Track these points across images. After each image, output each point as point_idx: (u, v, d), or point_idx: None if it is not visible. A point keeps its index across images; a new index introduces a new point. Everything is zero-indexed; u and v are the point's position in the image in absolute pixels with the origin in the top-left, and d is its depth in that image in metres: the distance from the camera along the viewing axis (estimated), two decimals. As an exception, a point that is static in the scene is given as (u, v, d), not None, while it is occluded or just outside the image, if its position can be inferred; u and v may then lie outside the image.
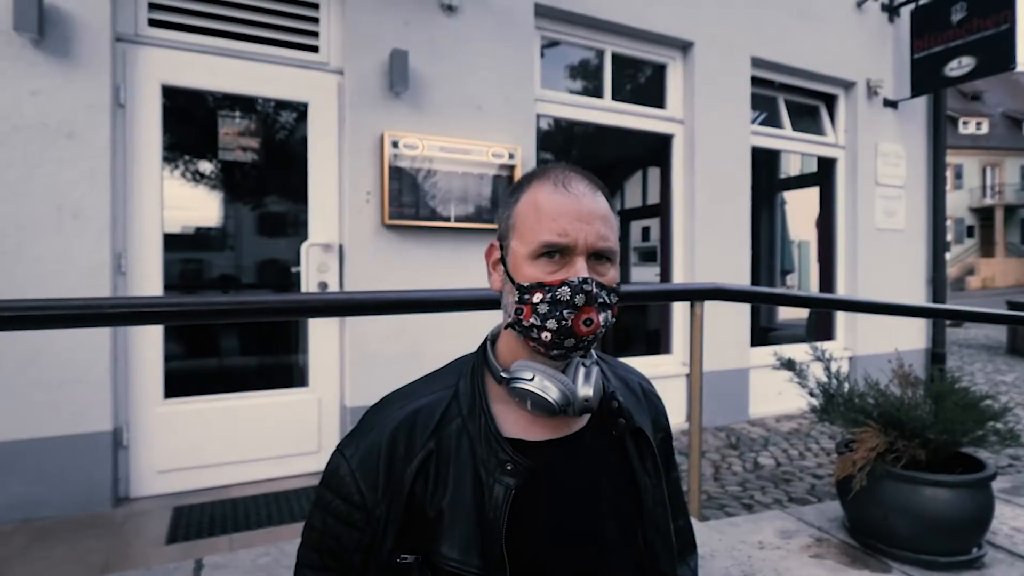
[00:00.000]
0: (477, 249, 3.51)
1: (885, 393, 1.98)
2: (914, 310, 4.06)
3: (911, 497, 1.78)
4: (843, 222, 5.35)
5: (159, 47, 2.88)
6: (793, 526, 2.09)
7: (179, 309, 1.72)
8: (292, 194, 3.33)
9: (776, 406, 4.73)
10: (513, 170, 3.54)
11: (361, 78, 3.21)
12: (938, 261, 5.67)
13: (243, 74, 3.06)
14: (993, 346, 9.67)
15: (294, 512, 2.69)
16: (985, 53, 4.58)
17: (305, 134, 3.22)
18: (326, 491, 0.83)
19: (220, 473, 2.98)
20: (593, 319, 0.81)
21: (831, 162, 5.34)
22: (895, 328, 5.29)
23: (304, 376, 3.26)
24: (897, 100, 5.33)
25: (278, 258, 3.48)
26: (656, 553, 0.91)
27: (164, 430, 2.88)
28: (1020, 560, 1.86)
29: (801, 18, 4.82)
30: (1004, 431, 1.83)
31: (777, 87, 5.00)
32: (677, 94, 4.41)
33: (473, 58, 3.49)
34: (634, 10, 4.04)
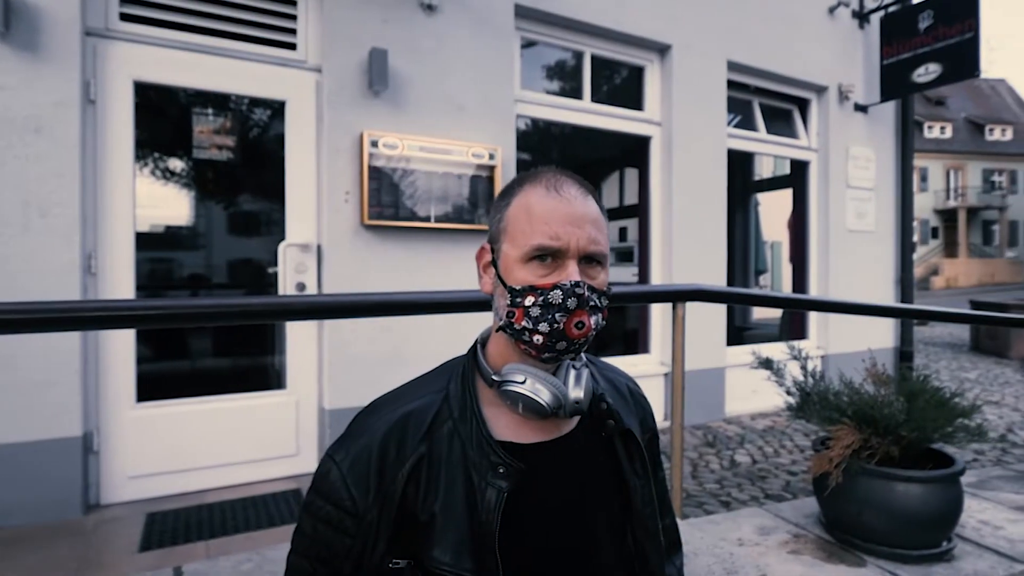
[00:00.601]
0: (457, 250, 3.51)
1: (859, 392, 2.03)
2: (889, 310, 4.17)
3: (885, 493, 1.82)
4: (815, 223, 5.46)
5: (131, 42, 2.81)
6: (771, 523, 2.12)
7: (157, 312, 1.67)
8: (269, 194, 3.28)
9: (751, 404, 4.82)
10: (493, 171, 3.54)
11: (340, 76, 3.18)
12: (906, 262, 5.83)
13: (218, 71, 3.00)
14: (957, 344, 9.97)
15: (272, 517, 2.65)
16: (951, 60, 4.72)
17: (282, 133, 3.17)
18: (316, 497, 0.82)
19: (195, 478, 2.92)
20: (585, 322, 0.81)
21: (804, 165, 5.45)
22: (865, 327, 5.43)
23: (281, 378, 3.21)
24: (867, 105, 5.46)
25: (254, 259, 3.43)
26: (645, 553, 0.92)
27: (136, 435, 2.81)
28: (988, 551, 1.93)
29: (775, 23, 4.91)
30: (972, 428, 1.89)
31: (752, 91, 5.08)
32: (655, 96, 4.46)
33: (453, 58, 3.48)
34: (612, 12, 4.07)
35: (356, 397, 3.21)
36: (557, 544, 0.84)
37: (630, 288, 2.57)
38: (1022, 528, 2.10)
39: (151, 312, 1.67)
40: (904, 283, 5.83)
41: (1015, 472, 2.76)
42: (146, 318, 1.73)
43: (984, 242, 33.26)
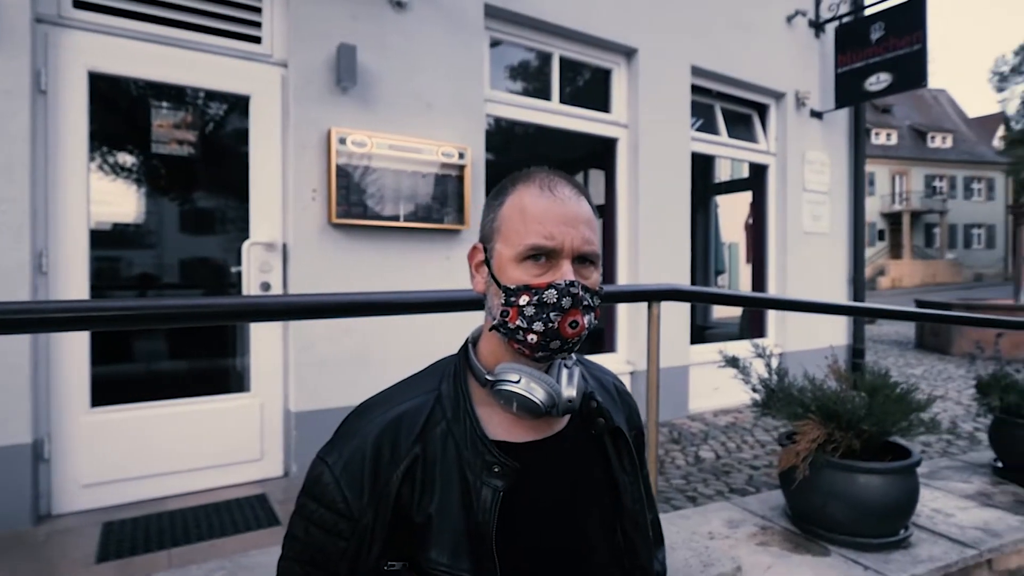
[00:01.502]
0: (426, 250, 3.48)
1: (822, 388, 2.11)
2: (853, 309, 4.29)
3: (847, 484, 1.90)
4: (774, 225, 5.63)
5: (86, 31, 2.69)
6: (739, 516, 2.18)
7: (115, 314, 1.57)
8: (232, 191, 3.19)
9: (713, 401, 4.94)
10: (463, 170, 3.53)
11: (306, 72, 3.11)
12: (858, 262, 6.07)
13: (179, 63, 2.90)
14: (903, 341, 10.44)
15: (237, 523, 2.58)
16: (900, 70, 4.94)
17: (246, 128, 3.09)
18: (308, 500, 0.80)
19: (154, 484, 2.82)
20: (578, 321, 0.82)
21: (763, 168, 5.62)
22: (820, 326, 5.63)
23: (245, 380, 3.12)
24: (822, 111, 5.66)
25: (216, 258, 3.33)
26: (635, 548, 0.93)
27: (91, 441, 2.69)
28: (941, 538, 2.03)
29: (736, 30, 5.04)
30: (927, 421, 1.99)
31: (714, 95, 5.21)
32: (622, 99, 4.52)
33: (422, 56, 3.45)
34: (580, 15, 4.11)
35: (323, 399, 3.15)
36: (551, 542, 0.85)
37: (607, 288, 2.60)
38: (971, 515, 2.22)
39: (109, 314, 1.57)
40: (856, 283, 6.07)
41: (962, 463, 2.91)
42: (104, 319, 1.63)
43: (926, 244, 34.92)
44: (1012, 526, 2.14)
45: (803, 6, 5.51)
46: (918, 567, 1.83)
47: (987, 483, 2.58)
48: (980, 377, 2.72)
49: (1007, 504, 2.35)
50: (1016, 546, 2.06)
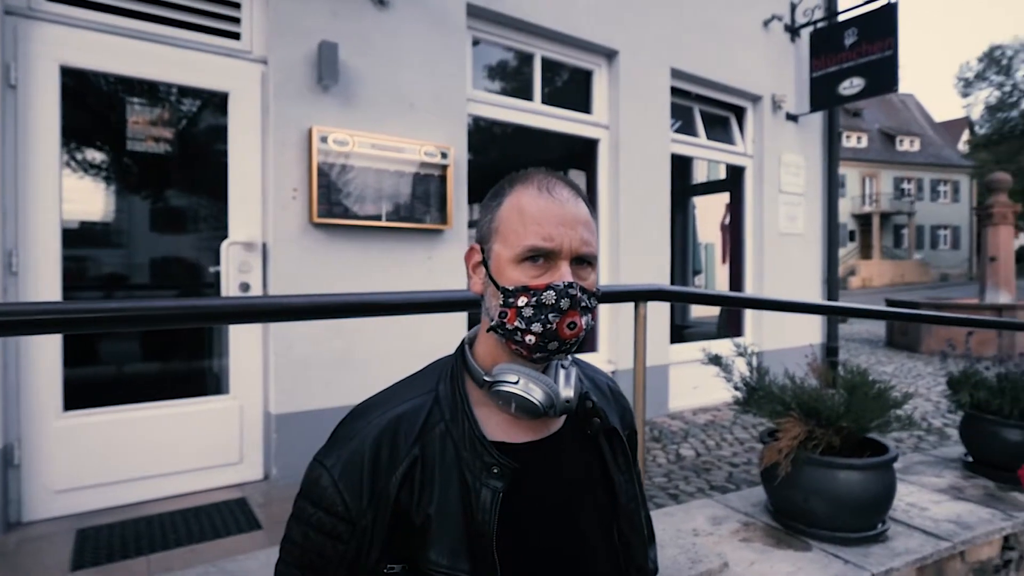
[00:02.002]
0: (408, 250, 3.46)
1: (803, 386, 2.15)
2: (834, 309, 4.36)
3: (828, 480, 1.94)
4: (751, 226, 5.72)
5: (58, 23, 2.62)
6: (722, 512, 2.21)
7: (90, 316, 1.49)
8: (210, 189, 3.13)
9: (693, 400, 5.00)
10: (446, 170, 3.52)
11: (287, 69, 3.07)
12: (832, 263, 6.19)
13: (155, 59, 2.84)
14: (874, 340, 10.70)
15: (218, 528, 2.53)
16: (873, 75, 5.05)
17: (225, 126, 3.03)
18: (307, 503, 0.79)
19: (130, 490, 2.75)
20: (577, 322, 0.82)
21: (740, 170, 5.70)
22: (795, 325, 5.74)
23: (223, 382, 3.07)
24: (798, 115, 5.77)
25: (194, 258, 3.26)
26: (630, 546, 0.94)
27: (64, 446, 2.62)
28: (916, 531, 2.08)
29: (715, 34, 5.11)
30: (904, 417, 2.04)
31: (693, 98, 5.27)
32: (603, 100, 4.55)
33: (405, 54, 3.43)
34: (562, 17, 4.13)
35: (304, 401, 3.12)
36: (549, 541, 0.85)
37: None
38: (944, 509, 2.28)
39: (83, 316, 1.49)
40: (830, 283, 6.20)
41: (933, 457, 3.00)
42: (78, 322, 1.55)
43: (895, 245, 35.80)
44: (983, 518, 2.21)
45: (779, 11, 5.61)
46: (895, 560, 1.87)
47: (958, 477, 2.66)
48: (951, 374, 2.80)
49: (978, 497, 2.42)
50: (987, 538, 2.12)
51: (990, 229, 9.01)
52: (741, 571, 1.72)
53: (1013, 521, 2.20)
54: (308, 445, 3.29)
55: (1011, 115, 28.66)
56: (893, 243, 35.76)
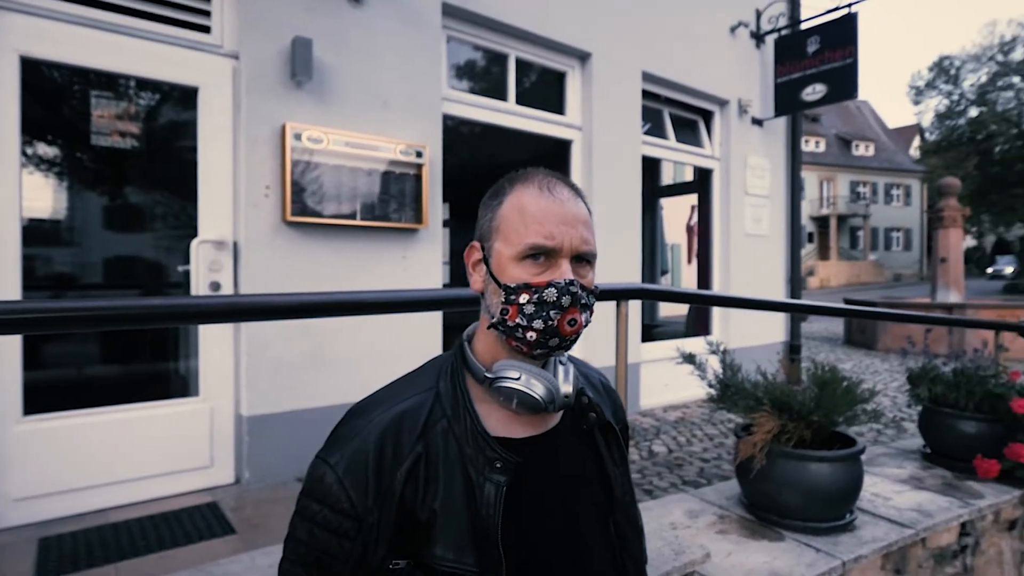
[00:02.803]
0: (383, 249, 3.44)
1: (774, 382, 2.22)
2: (809, 308, 4.48)
3: (800, 472, 2.01)
4: (718, 227, 5.85)
5: (16, 12, 2.51)
6: (698, 506, 2.27)
7: (53, 315, 1.39)
8: (179, 186, 3.05)
9: (663, 397, 5.09)
10: (421, 169, 3.50)
11: (259, 64, 3.01)
12: (795, 263, 6.39)
13: (121, 51, 2.75)
14: (832, 338, 11.06)
15: (189, 533, 2.47)
16: (834, 82, 5.23)
17: (195, 121, 2.96)
18: (311, 502, 0.79)
19: (96, 496, 2.66)
20: (577, 319, 0.84)
21: (708, 172, 5.83)
22: (761, 323, 5.90)
23: (191, 384, 3.00)
24: (763, 119, 5.93)
25: (162, 256, 3.17)
26: (626, 538, 0.96)
27: (24, 452, 2.52)
28: (882, 520, 2.17)
29: (684, 39, 5.21)
30: (870, 411, 2.12)
31: (663, 101, 5.37)
32: (576, 102, 4.59)
33: (380, 52, 3.40)
34: (537, 18, 4.15)
35: (277, 403, 3.06)
36: (549, 535, 0.86)
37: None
38: (906, 498, 2.39)
39: (45, 315, 1.40)
40: (793, 282, 6.39)
41: (894, 450, 3.12)
42: (39, 322, 1.46)
43: (851, 246, 37.05)
44: (942, 507, 2.31)
45: (746, 18, 5.75)
46: (863, 547, 1.95)
47: (918, 468, 2.78)
48: (911, 370, 2.93)
49: (936, 487, 2.54)
50: (946, 524, 2.23)
51: (940, 231, 9.42)
52: (719, 562, 1.77)
53: (970, 508, 2.31)
54: (281, 448, 3.24)
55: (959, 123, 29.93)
56: (849, 244, 37.01)
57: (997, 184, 27.48)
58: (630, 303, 2.13)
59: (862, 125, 39.45)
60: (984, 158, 28.33)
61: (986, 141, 28.63)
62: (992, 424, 2.58)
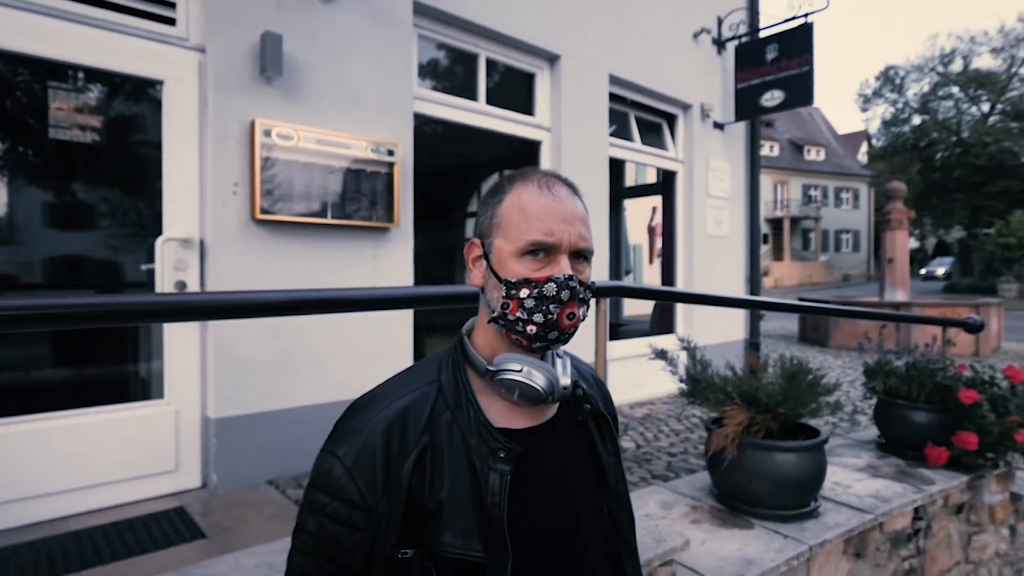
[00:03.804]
0: (355, 248, 3.41)
1: (742, 376, 2.31)
2: (780, 306, 4.61)
3: (768, 462, 2.09)
4: (682, 228, 6.00)
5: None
6: (671, 498, 2.33)
7: (10, 314, 1.31)
8: (143, 182, 2.97)
9: (630, 395, 5.18)
10: (393, 167, 3.48)
11: (227, 59, 2.95)
12: (754, 262, 6.60)
13: (83, 41, 2.65)
14: (787, 336, 11.45)
15: (157, 539, 2.40)
16: (791, 88, 5.43)
17: (160, 115, 2.88)
18: (320, 494, 0.80)
19: (53, 504, 2.56)
20: (575, 313, 0.87)
21: (672, 174, 5.97)
22: (723, 321, 6.07)
23: (155, 387, 2.91)
24: (724, 123, 6.11)
25: (125, 254, 3.07)
26: (620, 524, 1.00)
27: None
28: (843, 507, 2.28)
29: (650, 43, 5.33)
30: (832, 403, 2.23)
31: (629, 104, 5.47)
32: (545, 103, 4.64)
33: (351, 50, 3.37)
34: (507, 19, 4.18)
35: (246, 404, 3.01)
36: (550, 522, 0.89)
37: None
38: (865, 486, 2.51)
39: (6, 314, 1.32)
40: (753, 282, 6.60)
41: (851, 440, 3.28)
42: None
43: (803, 247, 38.38)
44: (897, 492, 2.44)
45: (708, 25, 5.92)
46: (828, 532, 2.05)
47: (874, 457, 2.92)
48: (867, 364, 3.08)
49: (891, 474, 2.67)
50: (901, 509, 2.35)
51: (888, 233, 9.86)
52: (694, 550, 1.83)
53: (922, 494, 2.45)
54: (250, 450, 3.18)
55: (903, 130, 31.41)
56: (802, 246, 38.33)
57: (938, 189, 28.96)
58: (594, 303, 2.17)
59: (813, 131, 40.92)
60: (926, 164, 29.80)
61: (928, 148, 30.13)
62: (941, 414, 2.73)
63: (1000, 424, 2.57)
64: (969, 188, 27.70)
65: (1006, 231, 23.27)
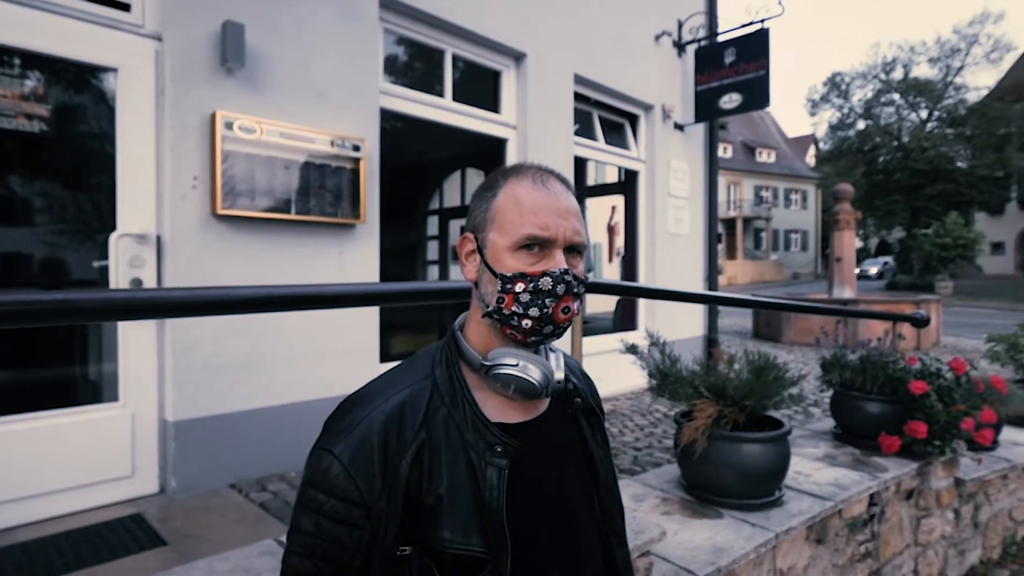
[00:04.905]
0: (319, 244, 3.34)
1: (714, 370, 2.37)
2: (744, 302, 4.70)
3: (736, 454, 2.15)
4: (643, 227, 6.10)
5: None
6: (641, 491, 2.38)
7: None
8: (96, 175, 2.83)
9: (595, 391, 5.23)
10: (359, 163, 3.43)
11: (186, 48, 2.85)
12: (712, 261, 6.77)
13: (30, 25, 2.51)
14: (742, 332, 11.80)
15: (114, 548, 2.30)
16: (748, 92, 5.59)
17: (114, 105, 2.75)
18: (317, 493, 0.78)
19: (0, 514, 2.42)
20: (570, 307, 0.87)
21: (634, 174, 6.06)
22: (684, 318, 6.21)
23: (109, 389, 2.79)
24: (684, 124, 6.24)
25: (75, 250, 2.92)
26: (611, 515, 1.01)
27: (-87, 468, 2.25)
28: (805, 495, 2.37)
29: (613, 44, 5.40)
30: (795, 395, 2.31)
31: (592, 103, 5.53)
32: (511, 101, 4.65)
33: (316, 43, 3.30)
34: (474, 16, 4.17)
35: (207, 406, 2.91)
36: (545, 514, 0.89)
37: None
38: (824, 475, 2.61)
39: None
40: (711, 279, 6.77)
41: (808, 431, 3.40)
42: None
43: (755, 247, 39.61)
44: (854, 480, 2.55)
45: (669, 28, 6.03)
46: (793, 520, 2.12)
47: (831, 447, 3.04)
48: (824, 358, 3.20)
49: (848, 463, 2.79)
50: (858, 496, 2.46)
51: (836, 233, 10.28)
52: (668, 540, 1.87)
53: (877, 481, 2.56)
54: (212, 453, 3.09)
55: (848, 134, 32.80)
56: (754, 245, 39.56)
57: (880, 191, 30.35)
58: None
59: (765, 134, 42.26)
60: (870, 167, 31.19)
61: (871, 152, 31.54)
62: (893, 405, 2.86)
63: (947, 413, 2.71)
64: (909, 190, 29.15)
65: (942, 232, 24.57)
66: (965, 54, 29.80)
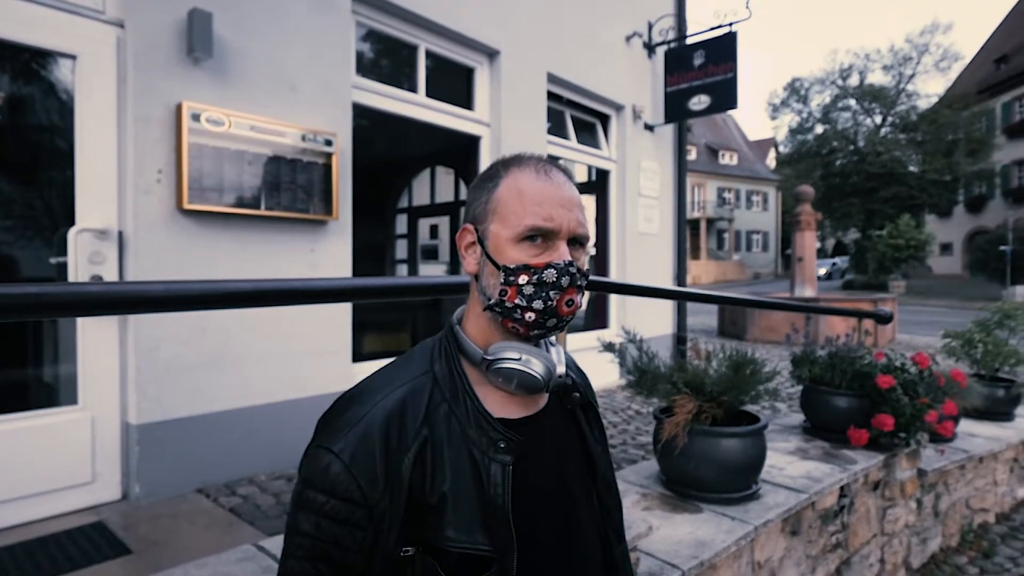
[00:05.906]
0: (290, 241, 3.26)
1: (691, 366, 2.39)
2: (723, 299, 4.77)
3: (715, 448, 2.18)
4: (615, 226, 6.15)
5: None
6: (621, 487, 2.36)
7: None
8: (52, 167, 2.70)
9: (568, 389, 5.25)
10: (331, 158, 3.35)
11: (150, 35, 2.73)
12: (681, 259, 6.87)
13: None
14: (707, 330, 12.01)
15: (74, 558, 2.19)
16: (717, 94, 5.69)
17: (72, 94, 2.63)
18: (317, 493, 0.74)
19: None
20: (574, 300, 0.86)
21: (606, 173, 6.11)
22: (654, 316, 6.28)
23: (67, 392, 2.66)
24: (654, 125, 6.31)
25: (30, 245, 2.78)
26: (609, 510, 1.00)
27: None
28: (780, 488, 2.41)
29: (585, 44, 5.42)
30: (771, 390, 2.35)
31: (565, 102, 5.54)
32: (484, 98, 4.62)
33: (287, 34, 3.21)
34: (448, 12, 4.12)
35: (172, 409, 2.80)
36: (548, 511, 0.88)
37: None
38: (797, 468, 2.67)
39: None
40: (680, 277, 6.87)
41: (779, 426, 3.47)
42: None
43: (718, 247, 40.44)
44: (826, 472, 2.61)
45: (639, 29, 6.09)
46: (769, 513, 2.16)
47: (802, 441, 3.11)
48: (795, 354, 3.27)
49: (819, 456, 2.86)
50: (830, 488, 2.52)
51: (797, 234, 10.56)
52: (651, 535, 1.88)
53: (847, 473, 2.63)
54: (177, 457, 2.97)
55: (807, 138, 33.77)
56: (717, 245, 40.38)
57: (837, 193, 31.32)
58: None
59: (727, 136, 43.19)
60: (827, 170, 32.16)
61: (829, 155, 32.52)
62: (861, 399, 2.94)
63: (912, 406, 2.80)
64: (864, 193, 30.17)
65: (896, 233, 25.50)
66: (916, 62, 31.02)
